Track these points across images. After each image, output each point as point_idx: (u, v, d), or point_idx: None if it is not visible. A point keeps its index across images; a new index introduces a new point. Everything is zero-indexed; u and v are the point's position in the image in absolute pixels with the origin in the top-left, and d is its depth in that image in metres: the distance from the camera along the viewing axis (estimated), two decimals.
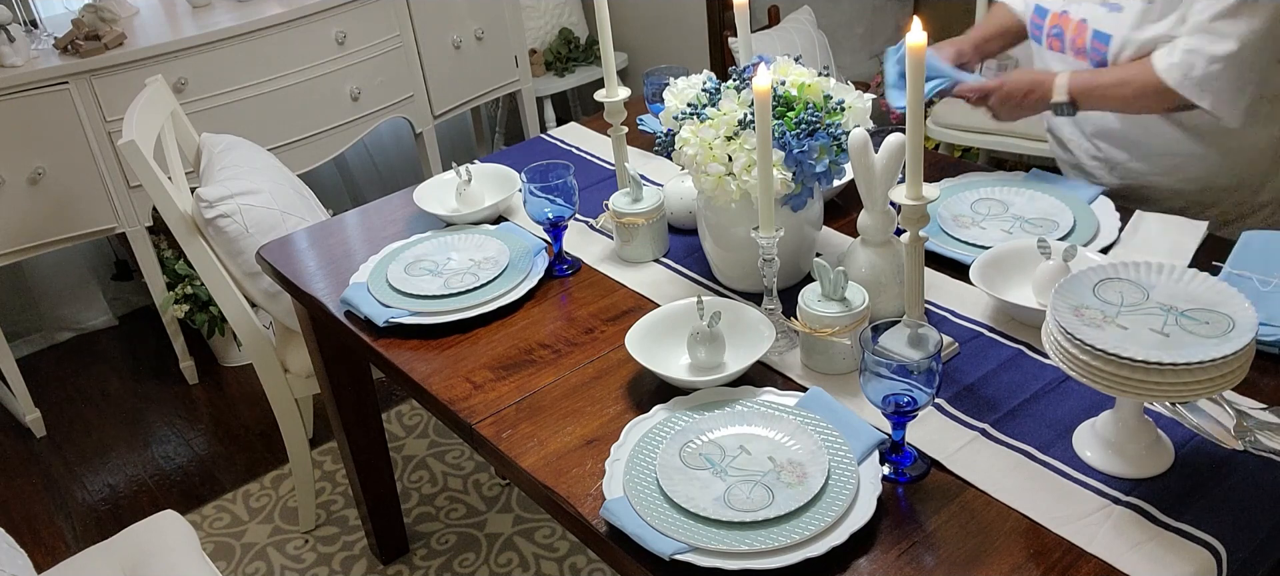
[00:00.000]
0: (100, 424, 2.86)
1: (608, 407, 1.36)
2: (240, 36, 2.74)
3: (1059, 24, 1.74)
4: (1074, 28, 1.71)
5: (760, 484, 1.17)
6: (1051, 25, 1.76)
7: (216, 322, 2.82)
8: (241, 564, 2.29)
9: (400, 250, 1.76)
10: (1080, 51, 1.71)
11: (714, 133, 1.43)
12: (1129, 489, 1.13)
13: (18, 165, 2.53)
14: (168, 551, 1.64)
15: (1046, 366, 1.34)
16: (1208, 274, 1.16)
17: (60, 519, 2.53)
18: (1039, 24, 1.79)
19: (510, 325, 1.57)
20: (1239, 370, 1.06)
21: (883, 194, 1.36)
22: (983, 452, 1.21)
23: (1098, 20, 1.67)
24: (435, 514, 2.36)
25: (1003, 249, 1.51)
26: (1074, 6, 1.72)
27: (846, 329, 1.32)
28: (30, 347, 3.22)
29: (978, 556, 1.08)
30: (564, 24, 3.84)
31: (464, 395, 1.42)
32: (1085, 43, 1.69)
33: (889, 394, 1.15)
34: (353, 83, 2.99)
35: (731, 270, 1.56)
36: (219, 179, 2.05)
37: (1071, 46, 1.73)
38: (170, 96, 2.27)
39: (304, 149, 2.94)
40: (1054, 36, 1.76)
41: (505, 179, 1.95)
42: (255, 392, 2.88)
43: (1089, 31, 1.68)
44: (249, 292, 2.07)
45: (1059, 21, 1.74)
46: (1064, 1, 1.73)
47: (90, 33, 2.59)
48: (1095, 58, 1.69)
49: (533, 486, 1.26)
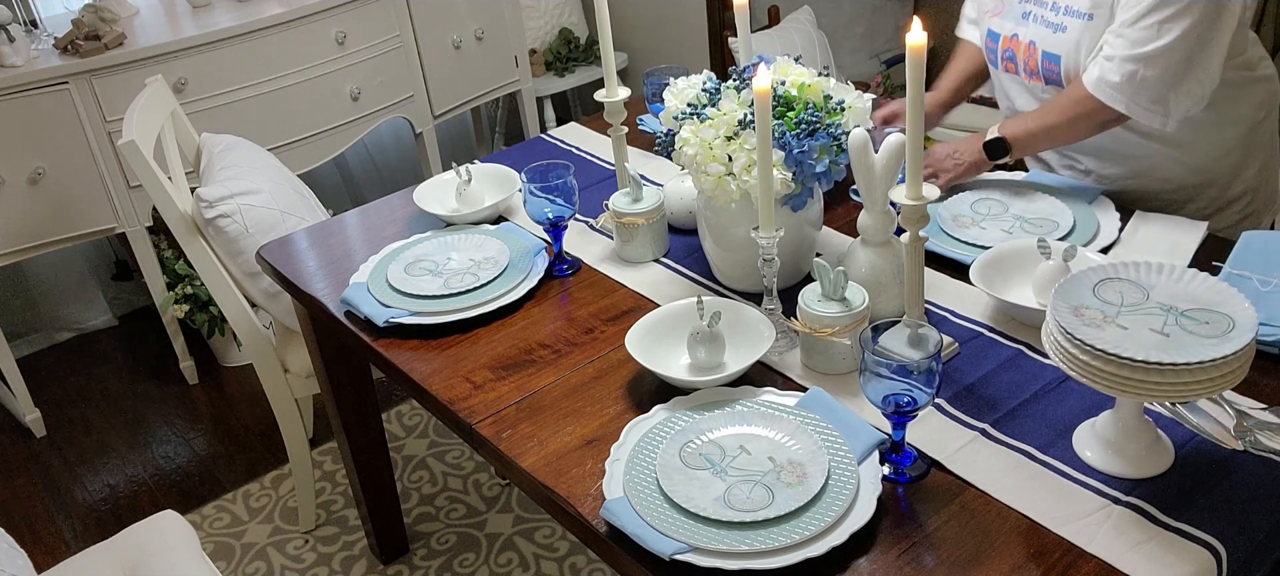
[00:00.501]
0: (100, 424, 2.86)
1: (608, 407, 1.36)
2: (240, 36, 2.74)
3: (1010, 47, 1.74)
4: (1024, 50, 1.70)
5: (760, 484, 1.17)
6: (1003, 49, 1.75)
7: (216, 322, 2.82)
8: (241, 564, 2.29)
9: (400, 250, 1.76)
10: (1033, 73, 1.71)
11: (714, 133, 1.43)
12: (1129, 489, 1.13)
13: (18, 165, 2.53)
14: (168, 551, 1.64)
15: (1046, 366, 1.34)
16: (1208, 274, 1.16)
17: (60, 519, 2.52)
18: (993, 49, 1.78)
19: (510, 325, 1.57)
20: (1239, 370, 1.06)
21: (883, 194, 1.36)
22: (983, 452, 1.21)
23: (1045, 41, 1.66)
24: (435, 514, 2.36)
25: (1003, 249, 1.51)
26: (1021, 29, 1.71)
27: (846, 329, 1.32)
28: (30, 347, 3.22)
29: (978, 556, 1.08)
30: (564, 24, 3.84)
31: (464, 395, 1.42)
32: (1037, 64, 1.69)
33: (889, 394, 1.15)
34: (353, 83, 2.99)
35: (731, 270, 1.56)
36: (219, 179, 2.05)
37: (1024, 69, 1.73)
38: (170, 96, 2.27)
39: (304, 149, 2.94)
40: (1007, 59, 1.76)
41: (505, 179, 1.95)
42: (255, 392, 2.88)
43: (1038, 53, 1.67)
44: (249, 292, 2.07)
45: (1010, 44, 1.74)
46: (1013, 24, 1.72)
47: (90, 33, 2.59)
48: (1050, 78, 1.68)
49: (533, 486, 1.26)
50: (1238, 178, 1.74)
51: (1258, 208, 1.78)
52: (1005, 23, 1.74)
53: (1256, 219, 1.78)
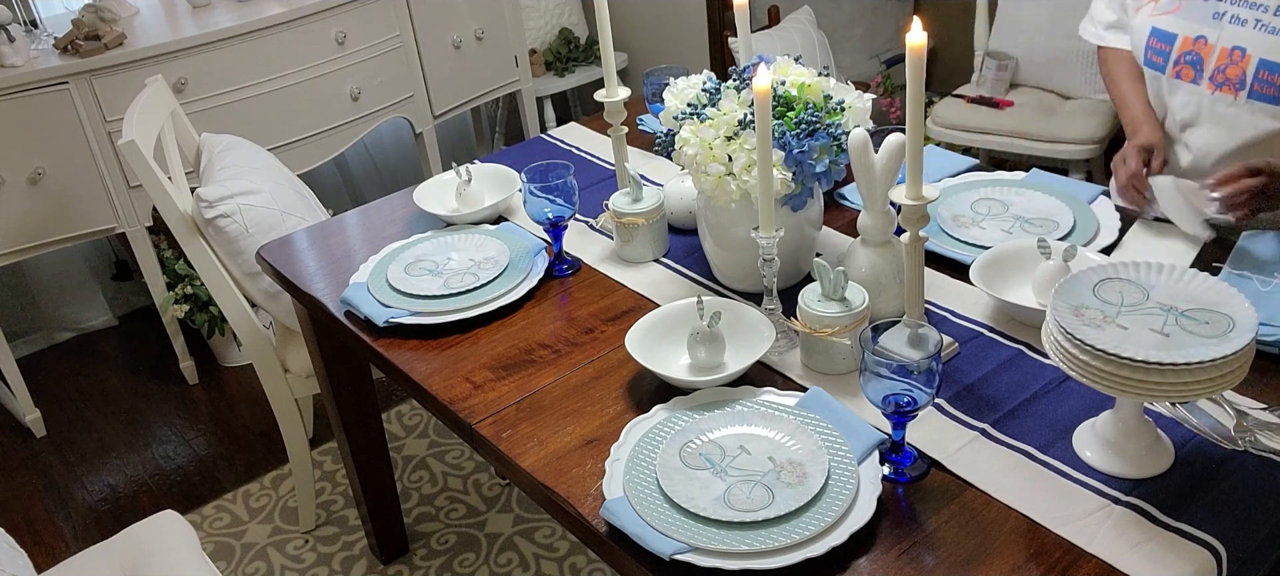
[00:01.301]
0: (100, 424, 2.86)
1: (608, 407, 1.36)
2: (240, 36, 2.74)
3: (1195, 51, 1.58)
4: (1220, 56, 1.54)
5: (760, 484, 1.17)
6: (1182, 51, 1.59)
7: (216, 322, 2.82)
8: (241, 564, 2.29)
9: (400, 250, 1.76)
10: (1228, 84, 1.55)
11: (714, 133, 1.43)
12: (1129, 489, 1.13)
13: (18, 165, 2.53)
14: (168, 551, 1.64)
15: (1046, 366, 1.34)
16: (1208, 274, 1.16)
17: (60, 519, 2.52)
18: (1162, 50, 1.62)
19: (510, 325, 1.57)
20: (1239, 370, 1.06)
21: (883, 194, 1.36)
22: (983, 452, 1.21)
23: (1265, 49, 1.48)
24: (435, 514, 2.36)
25: (1003, 249, 1.51)
26: (1213, 30, 1.54)
27: (846, 329, 1.32)
28: (30, 347, 3.22)
29: (978, 556, 1.07)
30: (564, 24, 3.84)
31: (464, 395, 1.42)
32: (1244, 74, 1.52)
33: (889, 394, 1.15)
34: (353, 83, 2.99)
35: (731, 270, 1.56)
36: (219, 179, 2.05)
37: (1213, 78, 1.57)
38: (170, 96, 2.27)
39: (304, 149, 2.94)
40: (1187, 64, 1.60)
41: (505, 179, 1.95)
42: (255, 392, 2.88)
43: (1253, 61, 1.51)
44: (249, 292, 2.07)
45: (1194, 48, 1.58)
46: (1197, 24, 1.56)
47: (90, 33, 2.59)
48: (1263, 92, 1.51)
49: (533, 486, 1.26)
50: None
51: None
52: (1185, 22, 1.59)
53: None
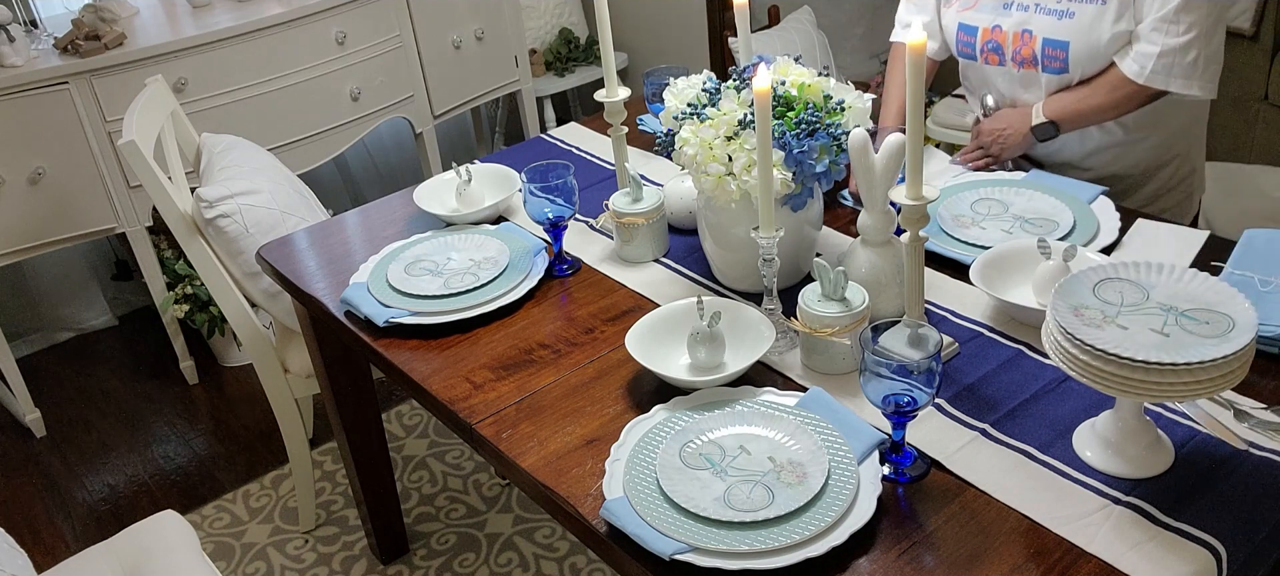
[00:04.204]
0: (100, 424, 2.86)
1: (608, 407, 1.36)
2: (240, 36, 2.74)
3: (994, 38, 1.79)
4: (1016, 39, 1.76)
5: (760, 484, 1.17)
6: (984, 41, 1.81)
7: (216, 322, 2.82)
8: (241, 564, 2.29)
9: (400, 250, 1.76)
10: (1027, 62, 1.76)
11: (714, 133, 1.42)
12: (1129, 489, 1.13)
13: (18, 165, 2.53)
14: (168, 551, 1.64)
15: (1046, 366, 1.34)
16: (1208, 274, 1.16)
17: (60, 519, 2.52)
18: (969, 42, 1.84)
19: (510, 325, 1.57)
20: (1239, 370, 1.06)
21: (883, 194, 1.36)
22: (983, 452, 1.21)
23: (1048, 29, 1.72)
24: (435, 514, 2.36)
25: (1003, 249, 1.51)
26: (1005, 19, 1.77)
27: (846, 329, 1.32)
28: (30, 347, 3.22)
29: (978, 556, 1.07)
30: (564, 24, 3.83)
31: (464, 395, 1.42)
32: (1033, 52, 1.74)
33: (889, 394, 1.15)
34: (353, 83, 2.99)
35: (731, 270, 1.56)
36: (219, 179, 2.05)
37: (1014, 59, 1.78)
38: (170, 96, 2.27)
39: (304, 149, 2.94)
40: (991, 51, 1.81)
41: (505, 179, 1.95)
42: (255, 392, 2.88)
43: (1037, 41, 1.73)
44: (249, 292, 2.07)
45: (992, 36, 1.79)
46: (992, 16, 1.78)
47: (90, 33, 2.59)
48: (1051, 66, 1.74)
49: (533, 486, 1.26)
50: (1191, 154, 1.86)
51: (1195, 186, 1.91)
52: (980, 15, 1.80)
53: (1190, 198, 1.90)
